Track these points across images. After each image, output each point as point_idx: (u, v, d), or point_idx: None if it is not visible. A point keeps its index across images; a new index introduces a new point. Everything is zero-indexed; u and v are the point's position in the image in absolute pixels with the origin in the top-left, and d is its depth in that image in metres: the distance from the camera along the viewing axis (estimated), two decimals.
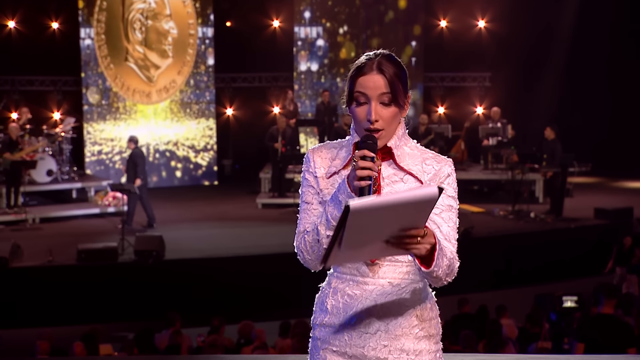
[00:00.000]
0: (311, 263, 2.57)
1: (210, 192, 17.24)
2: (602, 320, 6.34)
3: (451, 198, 2.54)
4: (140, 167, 13.28)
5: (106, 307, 11.22)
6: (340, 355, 2.59)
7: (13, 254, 11.46)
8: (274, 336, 9.20)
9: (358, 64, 2.52)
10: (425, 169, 2.54)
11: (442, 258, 2.37)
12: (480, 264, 12.32)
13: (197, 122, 17.70)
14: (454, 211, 2.55)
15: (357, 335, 2.56)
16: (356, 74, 2.51)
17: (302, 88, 18.08)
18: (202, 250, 12.32)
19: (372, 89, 2.48)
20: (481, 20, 17.99)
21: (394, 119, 2.51)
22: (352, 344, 2.57)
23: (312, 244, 2.52)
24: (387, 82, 2.47)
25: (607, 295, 6.37)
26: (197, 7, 17.40)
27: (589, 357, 5.67)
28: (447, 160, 2.57)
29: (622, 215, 13.78)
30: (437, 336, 2.62)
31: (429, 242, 2.28)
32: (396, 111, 2.51)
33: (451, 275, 2.46)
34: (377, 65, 2.48)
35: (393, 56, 2.55)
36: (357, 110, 2.51)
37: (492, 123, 16.02)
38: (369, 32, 18.01)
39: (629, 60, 18.15)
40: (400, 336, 2.55)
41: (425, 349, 2.57)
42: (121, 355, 8.27)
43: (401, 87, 2.50)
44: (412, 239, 2.25)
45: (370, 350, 2.55)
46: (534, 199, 14.88)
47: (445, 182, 2.54)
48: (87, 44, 16.72)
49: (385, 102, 2.49)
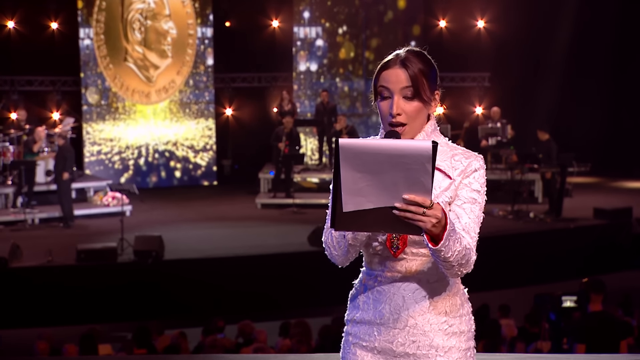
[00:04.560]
0: (337, 259, 2.59)
1: (209, 192, 17.24)
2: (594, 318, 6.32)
3: (475, 192, 2.54)
4: (69, 162, 13.36)
5: (105, 307, 11.22)
6: (369, 350, 2.60)
7: (12, 254, 11.46)
8: (274, 336, 9.20)
9: (384, 60, 2.54)
10: (454, 164, 2.55)
11: (455, 242, 2.36)
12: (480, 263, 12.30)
13: (196, 122, 17.70)
14: (477, 205, 2.54)
15: (385, 330, 2.57)
16: (381, 68, 2.53)
17: (302, 88, 18.07)
18: (202, 251, 12.32)
19: (394, 83, 2.49)
20: (480, 20, 17.99)
21: (419, 114, 2.52)
22: (381, 339, 2.58)
23: (339, 239, 2.53)
24: (409, 76, 2.48)
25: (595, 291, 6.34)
26: (197, 7, 17.40)
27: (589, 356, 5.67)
28: (476, 156, 2.58)
29: (621, 215, 13.78)
30: (469, 333, 2.61)
31: (435, 217, 2.26)
32: (420, 106, 2.51)
33: (466, 267, 2.46)
34: (400, 60, 2.51)
35: (422, 53, 2.57)
36: (381, 104, 2.53)
37: (492, 123, 16.02)
38: (369, 32, 18.01)
39: (628, 60, 18.16)
40: (429, 332, 2.55)
41: (455, 345, 2.56)
42: (121, 355, 8.27)
43: (425, 82, 2.50)
44: (417, 208, 2.23)
45: (399, 345, 2.56)
46: (533, 199, 14.88)
47: (471, 176, 2.54)
48: (87, 44, 16.72)
49: (408, 96, 2.49)
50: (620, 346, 6.25)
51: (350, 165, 2.22)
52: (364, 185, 2.23)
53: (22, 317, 11.00)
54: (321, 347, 8.26)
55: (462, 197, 2.53)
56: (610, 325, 6.31)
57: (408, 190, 2.22)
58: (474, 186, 2.55)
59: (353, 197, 2.25)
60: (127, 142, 17.17)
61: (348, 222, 2.30)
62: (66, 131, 15.06)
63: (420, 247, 2.50)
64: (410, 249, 2.53)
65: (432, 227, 2.27)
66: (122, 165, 17.15)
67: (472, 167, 2.55)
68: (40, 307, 11.11)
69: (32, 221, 13.77)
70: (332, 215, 2.29)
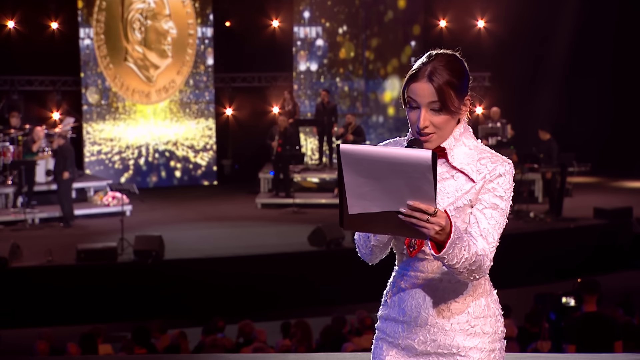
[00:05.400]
0: (365, 257, 2.65)
1: (209, 192, 17.24)
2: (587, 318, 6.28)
3: (498, 198, 2.52)
4: (70, 162, 13.34)
5: (106, 307, 11.22)
6: (394, 346, 2.65)
7: (12, 254, 11.46)
8: (274, 336, 9.20)
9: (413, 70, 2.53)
10: (479, 168, 2.54)
11: (461, 250, 2.36)
12: None
13: (196, 122, 17.70)
14: (499, 211, 2.52)
15: (408, 328, 2.61)
16: (410, 78, 2.53)
17: (302, 88, 18.07)
18: (202, 250, 12.32)
19: (421, 97, 2.50)
20: (481, 20, 17.99)
21: (446, 124, 2.53)
22: (404, 336, 2.62)
23: (365, 239, 2.59)
24: (434, 91, 2.48)
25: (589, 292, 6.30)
26: (197, 7, 17.40)
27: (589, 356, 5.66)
28: (503, 161, 2.56)
29: (621, 215, 13.78)
30: (494, 335, 2.61)
31: (439, 224, 2.26)
32: (448, 118, 2.52)
33: (479, 272, 2.45)
34: (428, 73, 2.49)
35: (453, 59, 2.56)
36: (410, 113, 2.55)
37: (492, 123, 16.01)
38: (369, 32, 18.01)
39: (629, 60, 18.16)
40: (449, 331, 2.57)
41: (476, 346, 2.57)
42: (121, 355, 8.26)
43: (453, 94, 2.50)
44: (422, 215, 2.24)
45: (420, 343, 2.59)
46: (533, 198, 14.88)
47: (494, 181, 2.52)
48: (87, 44, 16.72)
49: (435, 109, 2.50)
50: (615, 347, 6.20)
51: (352, 169, 2.25)
52: (368, 189, 2.26)
53: (22, 317, 10.99)
54: (321, 347, 8.26)
55: (484, 201, 2.52)
56: (604, 326, 6.27)
57: (412, 197, 2.24)
58: (497, 192, 2.53)
59: (358, 201, 2.28)
60: (127, 142, 17.17)
61: (355, 223, 2.34)
62: (66, 131, 15.05)
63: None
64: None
65: (435, 234, 2.29)
66: (122, 165, 17.15)
67: (497, 172, 2.54)
68: (40, 307, 11.11)
69: (32, 221, 13.76)
70: (340, 215, 2.32)
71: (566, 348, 6.19)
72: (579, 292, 6.46)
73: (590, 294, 6.24)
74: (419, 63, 2.55)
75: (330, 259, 11.80)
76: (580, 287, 6.45)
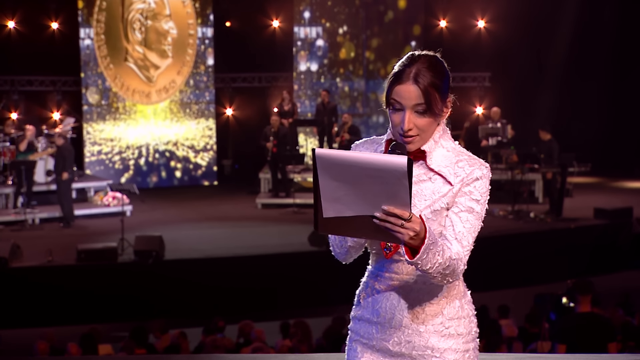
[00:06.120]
0: (340, 257, 2.66)
1: (209, 192, 17.25)
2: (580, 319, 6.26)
3: (474, 201, 2.53)
4: (69, 162, 13.34)
5: (106, 307, 11.22)
6: (368, 347, 2.64)
7: (13, 254, 11.46)
8: (274, 336, 9.20)
9: (397, 70, 2.53)
10: (456, 171, 2.54)
11: (435, 255, 2.34)
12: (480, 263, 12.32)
13: (196, 122, 17.71)
14: (475, 214, 2.53)
15: (382, 329, 2.60)
16: (394, 80, 2.53)
17: (302, 88, 18.07)
18: (202, 250, 12.32)
19: (407, 99, 2.49)
20: (481, 20, 17.99)
21: (429, 127, 2.53)
22: (378, 337, 2.61)
23: (340, 240, 2.60)
24: (421, 93, 2.48)
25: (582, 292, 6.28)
26: (197, 7, 17.41)
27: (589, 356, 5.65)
28: (481, 164, 2.55)
29: (621, 215, 13.78)
30: (468, 335, 2.61)
31: (413, 230, 2.25)
32: (431, 120, 2.52)
33: (452, 276, 2.44)
34: (413, 75, 2.49)
35: (435, 60, 2.56)
36: (393, 115, 2.55)
37: (492, 123, 16.02)
38: (369, 32, 18.01)
39: (629, 60, 18.16)
40: (424, 333, 2.56)
41: (451, 347, 2.57)
42: (121, 355, 8.27)
43: (437, 96, 2.50)
44: (396, 220, 2.24)
45: (394, 345, 2.59)
46: (533, 199, 14.88)
47: (472, 184, 2.52)
48: (87, 44, 16.72)
49: (420, 111, 2.50)
50: (609, 348, 6.17)
51: (328, 174, 2.24)
52: (343, 194, 2.26)
53: (22, 317, 11.00)
54: (321, 347, 8.27)
55: (460, 204, 2.52)
56: (597, 326, 6.24)
57: (387, 202, 2.23)
58: (474, 195, 2.53)
59: (333, 204, 2.28)
60: (128, 142, 17.17)
61: (330, 226, 2.33)
62: (66, 131, 15.06)
63: None
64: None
65: (410, 239, 2.27)
66: (123, 165, 17.15)
67: (474, 176, 2.53)
68: (40, 307, 11.11)
69: (32, 221, 13.77)
70: (315, 218, 2.31)
71: (556, 347, 6.17)
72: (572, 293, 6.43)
73: (583, 295, 6.21)
74: (402, 65, 2.54)
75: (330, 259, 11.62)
76: (574, 287, 6.43)
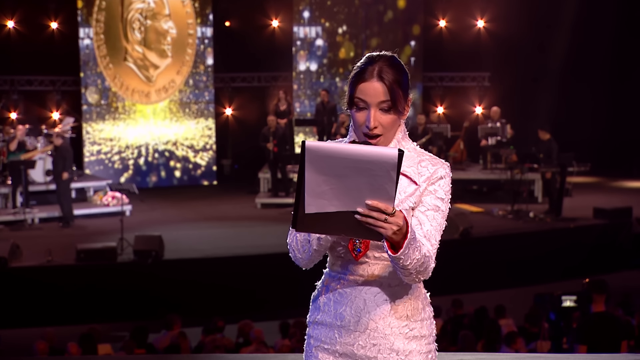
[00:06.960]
0: (302, 261, 2.61)
1: (209, 192, 17.24)
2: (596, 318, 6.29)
3: (439, 200, 2.54)
4: (69, 162, 13.37)
5: (105, 307, 11.22)
6: (331, 353, 2.62)
7: (12, 254, 11.46)
8: (274, 336, 9.20)
9: (358, 69, 2.53)
10: (420, 170, 2.55)
11: (414, 250, 2.36)
12: (480, 263, 12.33)
13: (196, 122, 17.70)
14: (440, 213, 2.54)
15: (346, 333, 2.58)
16: (357, 79, 2.52)
17: (301, 88, 18.07)
18: (202, 250, 12.32)
19: (372, 97, 2.49)
20: (480, 20, 17.99)
21: (393, 125, 2.54)
22: (342, 341, 2.59)
23: (303, 243, 2.57)
24: (386, 89, 2.48)
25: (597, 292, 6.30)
26: (196, 6, 17.40)
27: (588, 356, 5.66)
28: (442, 163, 2.58)
29: (621, 215, 13.78)
30: (430, 337, 2.63)
31: (397, 224, 2.26)
32: (395, 117, 2.52)
33: (424, 274, 2.46)
34: (377, 72, 2.49)
35: (395, 60, 2.54)
36: (357, 115, 2.53)
37: (492, 123, 16.02)
38: (368, 32, 18.00)
39: (629, 60, 18.15)
40: (389, 335, 2.56)
41: (415, 349, 2.58)
42: (120, 355, 8.27)
43: (401, 94, 2.51)
44: (379, 215, 2.24)
45: (359, 348, 2.57)
46: (533, 198, 14.88)
47: (436, 183, 2.54)
48: (86, 43, 16.71)
49: (385, 109, 2.50)
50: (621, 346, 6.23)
51: (315, 167, 2.23)
52: (328, 188, 2.24)
53: (22, 317, 10.99)
54: None
55: (426, 203, 2.53)
56: (613, 325, 6.28)
57: (371, 196, 2.23)
58: (438, 194, 2.55)
59: (316, 200, 2.26)
60: (127, 141, 17.17)
61: (310, 224, 2.31)
62: (66, 131, 15.05)
63: (383, 251, 2.49)
64: (373, 252, 2.54)
65: (392, 234, 2.28)
66: (122, 165, 17.15)
67: (438, 175, 2.55)
68: (39, 307, 11.10)
69: (31, 221, 13.77)
70: (295, 216, 2.30)
71: (577, 348, 6.19)
72: (587, 292, 6.45)
73: (599, 294, 6.25)
74: (363, 64, 2.53)
75: None
76: (589, 286, 6.44)
